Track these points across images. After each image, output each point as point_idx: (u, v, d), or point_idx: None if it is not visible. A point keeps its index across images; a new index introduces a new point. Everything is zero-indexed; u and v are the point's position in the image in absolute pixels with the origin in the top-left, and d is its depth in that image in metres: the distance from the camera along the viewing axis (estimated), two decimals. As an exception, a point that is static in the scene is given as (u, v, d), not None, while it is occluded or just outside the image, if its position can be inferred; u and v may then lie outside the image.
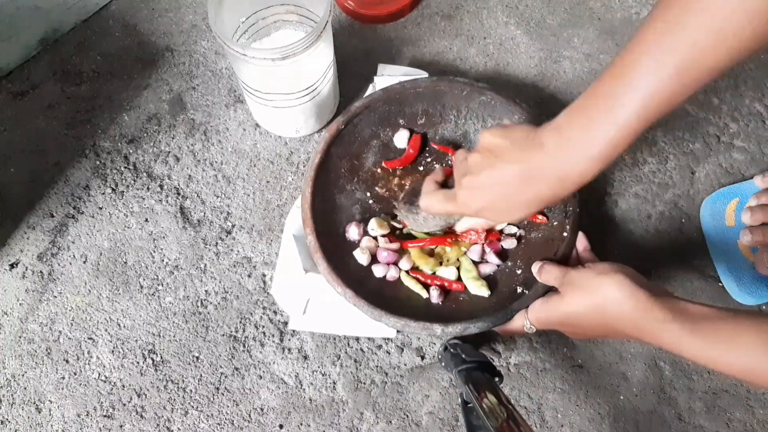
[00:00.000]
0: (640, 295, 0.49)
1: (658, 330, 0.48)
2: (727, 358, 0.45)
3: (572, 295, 0.54)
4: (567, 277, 0.56)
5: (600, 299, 0.51)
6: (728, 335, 0.45)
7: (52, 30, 0.84)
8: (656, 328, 0.48)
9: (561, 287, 0.57)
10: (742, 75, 0.83)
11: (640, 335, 0.49)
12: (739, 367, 0.44)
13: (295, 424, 0.68)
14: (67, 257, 0.74)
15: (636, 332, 0.50)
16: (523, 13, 0.88)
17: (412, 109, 0.74)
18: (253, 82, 0.69)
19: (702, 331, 0.46)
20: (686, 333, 0.46)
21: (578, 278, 0.54)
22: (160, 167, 0.79)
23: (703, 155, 0.79)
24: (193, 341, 0.71)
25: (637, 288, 0.49)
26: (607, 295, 0.50)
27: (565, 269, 0.57)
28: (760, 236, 0.67)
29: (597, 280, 0.52)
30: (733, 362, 0.44)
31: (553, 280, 0.58)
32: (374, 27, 0.87)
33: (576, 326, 0.55)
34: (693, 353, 0.46)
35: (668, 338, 0.47)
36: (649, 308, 0.48)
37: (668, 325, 0.47)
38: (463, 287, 0.66)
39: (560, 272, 0.57)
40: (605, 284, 0.51)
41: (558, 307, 0.56)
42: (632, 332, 0.50)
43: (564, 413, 0.68)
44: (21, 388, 0.69)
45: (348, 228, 0.69)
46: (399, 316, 0.61)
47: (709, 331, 0.46)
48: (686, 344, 0.46)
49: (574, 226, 0.64)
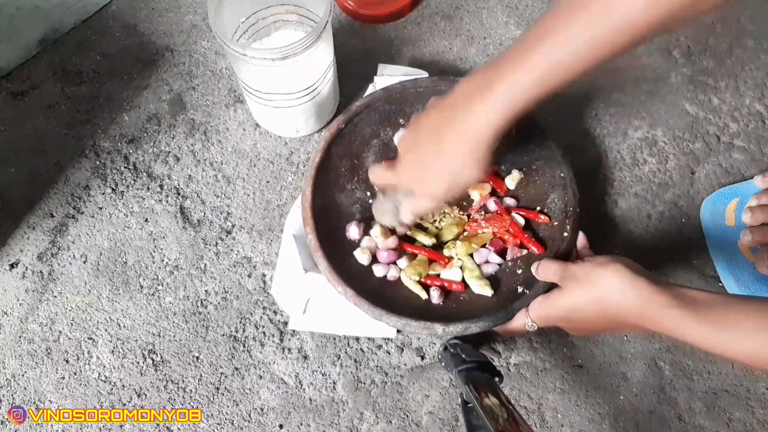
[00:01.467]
0: (641, 283, 0.49)
1: (660, 315, 0.47)
2: (731, 342, 0.44)
3: (573, 288, 0.54)
4: (566, 271, 0.56)
5: (601, 290, 0.51)
6: (733, 320, 0.45)
7: (52, 30, 0.84)
8: (659, 313, 0.47)
9: (561, 281, 0.57)
10: (742, 75, 0.83)
11: (643, 322, 0.49)
12: (744, 352, 0.44)
13: (295, 424, 0.68)
14: (67, 257, 0.74)
15: (639, 320, 0.49)
16: (523, 13, 0.88)
17: (412, 109, 0.74)
18: (253, 82, 0.69)
19: (706, 316, 0.46)
20: (690, 318, 0.46)
21: (578, 271, 0.54)
22: (160, 167, 0.79)
23: (703, 155, 0.79)
24: (193, 341, 0.71)
25: (637, 276, 0.49)
26: (608, 285, 0.50)
27: (564, 264, 0.57)
28: (760, 236, 0.67)
29: (597, 272, 0.52)
30: (737, 347, 0.44)
31: (552, 275, 0.58)
32: (374, 27, 0.87)
33: (578, 321, 0.55)
34: (697, 338, 0.46)
35: (671, 324, 0.47)
36: (651, 294, 0.48)
37: (671, 310, 0.47)
38: (464, 288, 0.66)
39: (559, 267, 0.57)
40: (605, 275, 0.51)
41: (559, 301, 0.56)
42: (635, 320, 0.50)
43: (564, 413, 0.68)
44: (21, 388, 0.69)
45: (348, 227, 0.69)
46: (400, 315, 0.61)
47: (713, 316, 0.45)
48: (690, 329, 0.46)
49: (575, 226, 0.64)
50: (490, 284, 0.65)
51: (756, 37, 0.85)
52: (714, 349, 0.46)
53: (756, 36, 0.85)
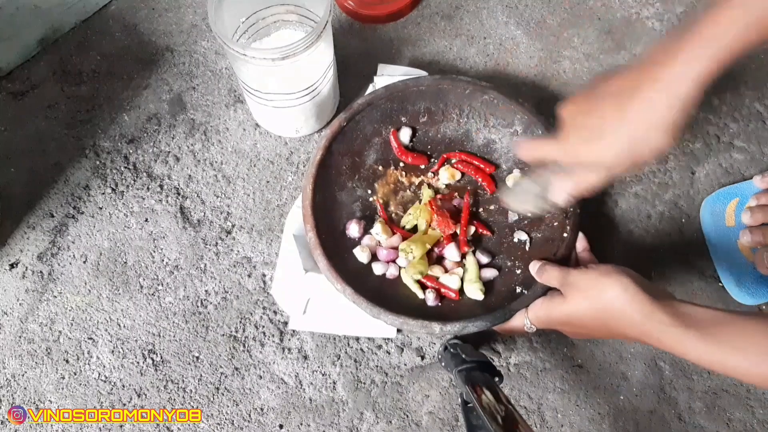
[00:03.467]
0: (643, 299, 0.49)
1: (660, 333, 0.48)
2: (731, 360, 0.45)
3: (574, 297, 0.54)
4: (569, 278, 0.55)
5: (603, 302, 0.51)
6: (732, 338, 0.45)
7: (52, 30, 0.84)
8: (659, 331, 0.48)
9: (562, 288, 0.56)
10: (742, 75, 0.83)
11: (643, 338, 0.49)
12: (743, 370, 0.44)
13: (295, 424, 0.68)
14: (67, 257, 0.74)
15: (639, 335, 0.50)
16: (523, 13, 0.88)
17: (414, 107, 0.74)
18: (253, 82, 0.69)
19: (706, 334, 0.46)
20: (690, 336, 0.46)
21: (581, 280, 0.54)
22: (160, 167, 0.79)
23: (703, 155, 0.79)
24: (193, 341, 0.71)
25: (640, 291, 0.49)
26: (610, 298, 0.50)
27: (566, 270, 0.57)
28: (760, 236, 0.67)
29: (600, 283, 0.52)
30: (737, 365, 0.44)
31: (554, 280, 0.58)
32: (374, 27, 0.87)
33: (577, 327, 0.55)
34: (696, 356, 0.46)
35: (671, 342, 0.47)
36: (652, 312, 0.48)
37: (671, 329, 0.47)
38: (459, 296, 0.66)
39: (561, 273, 0.57)
40: (608, 287, 0.51)
41: (559, 307, 0.56)
42: (635, 335, 0.50)
43: (564, 413, 0.68)
44: (21, 388, 0.69)
45: (348, 225, 0.69)
46: (398, 314, 0.61)
47: (712, 334, 0.46)
48: (690, 347, 0.46)
49: (575, 227, 0.64)
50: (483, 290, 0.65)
51: (756, 37, 0.85)
52: (713, 368, 0.46)
53: (756, 36, 0.85)
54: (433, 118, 0.74)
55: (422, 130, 0.75)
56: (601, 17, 0.88)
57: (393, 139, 0.74)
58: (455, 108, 0.74)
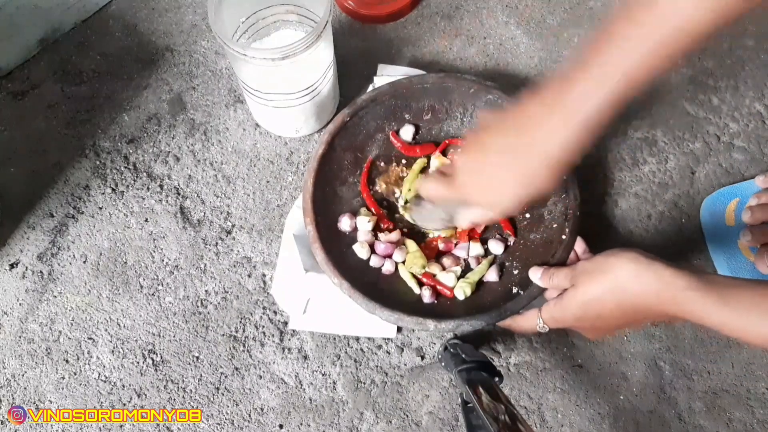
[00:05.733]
0: (657, 266, 0.48)
1: (681, 298, 0.46)
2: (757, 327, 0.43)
3: (587, 282, 0.53)
4: (577, 270, 0.55)
5: (616, 278, 0.50)
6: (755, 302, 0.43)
7: (52, 30, 0.84)
8: (679, 296, 0.46)
9: (573, 280, 0.55)
10: (742, 75, 0.83)
11: (663, 307, 0.48)
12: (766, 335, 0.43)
13: (295, 424, 0.68)
14: (67, 257, 0.74)
15: (658, 305, 0.48)
16: (523, 13, 0.88)
17: (418, 105, 0.73)
18: (253, 82, 0.69)
19: (730, 298, 0.44)
20: (713, 301, 0.44)
21: (590, 265, 0.53)
22: (160, 167, 0.79)
23: (703, 155, 0.79)
24: (193, 341, 0.71)
25: (653, 259, 0.48)
26: (622, 273, 0.49)
27: (572, 266, 0.56)
28: (760, 236, 0.67)
29: (610, 261, 0.51)
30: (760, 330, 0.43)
31: (564, 280, 0.57)
32: (374, 27, 0.87)
33: (593, 317, 0.54)
34: (719, 322, 0.44)
35: (692, 307, 0.45)
36: (670, 277, 0.47)
37: (693, 292, 0.45)
38: (453, 295, 0.66)
39: (568, 270, 0.56)
40: (620, 262, 0.50)
41: (573, 299, 0.54)
42: (654, 305, 0.48)
43: (564, 413, 0.68)
44: (21, 388, 0.69)
45: (341, 219, 0.69)
46: (393, 309, 0.61)
47: (737, 298, 0.44)
48: (713, 313, 0.44)
49: (574, 229, 0.64)
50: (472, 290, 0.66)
51: (756, 37, 0.85)
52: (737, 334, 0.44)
53: (756, 36, 0.85)
54: (437, 116, 0.74)
55: (425, 128, 0.75)
56: (601, 17, 0.88)
57: (394, 139, 0.74)
58: (459, 106, 0.73)
